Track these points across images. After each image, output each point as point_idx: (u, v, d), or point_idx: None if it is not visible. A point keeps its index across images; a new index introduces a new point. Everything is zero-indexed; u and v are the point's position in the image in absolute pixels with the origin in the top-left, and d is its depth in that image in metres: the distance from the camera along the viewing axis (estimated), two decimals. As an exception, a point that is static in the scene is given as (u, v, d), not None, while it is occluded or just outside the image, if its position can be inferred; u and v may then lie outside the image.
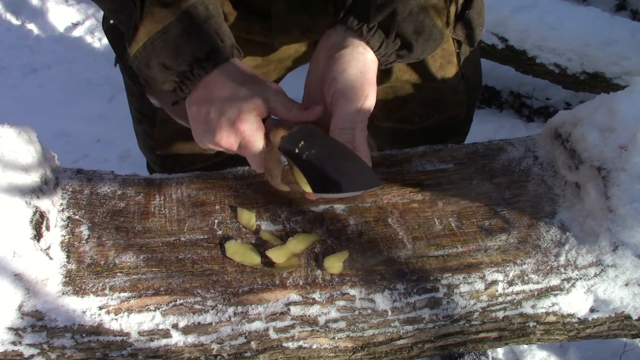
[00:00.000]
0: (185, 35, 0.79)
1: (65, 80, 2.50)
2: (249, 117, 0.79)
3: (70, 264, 0.86)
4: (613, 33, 1.89)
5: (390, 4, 0.82)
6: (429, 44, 0.87)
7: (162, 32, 0.79)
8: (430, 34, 0.86)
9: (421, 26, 0.84)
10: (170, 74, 0.81)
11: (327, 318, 0.85)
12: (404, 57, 0.87)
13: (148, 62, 0.81)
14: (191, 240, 0.90)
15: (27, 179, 0.85)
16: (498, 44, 2.01)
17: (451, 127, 1.28)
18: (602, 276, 0.87)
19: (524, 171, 0.98)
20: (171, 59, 0.80)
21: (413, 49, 0.86)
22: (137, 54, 0.81)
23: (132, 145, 1.49)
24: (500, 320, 0.89)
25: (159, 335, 0.83)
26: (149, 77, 0.83)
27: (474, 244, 0.90)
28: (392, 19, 0.83)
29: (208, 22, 0.80)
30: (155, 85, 0.83)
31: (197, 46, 0.80)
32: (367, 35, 0.83)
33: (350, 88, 0.82)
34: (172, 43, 0.80)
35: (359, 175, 0.81)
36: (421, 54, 0.88)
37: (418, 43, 0.86)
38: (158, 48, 0.80)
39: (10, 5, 2.75)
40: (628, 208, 0.84)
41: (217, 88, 0.81)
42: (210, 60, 0.80)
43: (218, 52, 0.80)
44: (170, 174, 1.00)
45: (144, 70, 0.82)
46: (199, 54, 0.80)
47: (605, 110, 0.91)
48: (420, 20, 0.84)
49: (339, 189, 0.79)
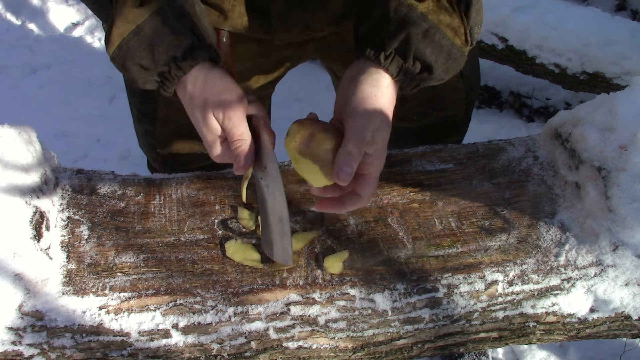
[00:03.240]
0: (160, 34, 0.78)
1: (65, 80, 2.50)
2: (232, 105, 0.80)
3: (70, 264, 0.86)
4: (613, 33, 1.89)
5: (403, 29, 0.81)
6: (451, 64, 0.85)
7: (136, 32, 0.78)
8: (449, 53, 0.84)
9: (439, 46, 0.83)
10: (149, 75, 0.81)
11: (327, 318, 0.85)
12: (426, 80, 0.86)
13: (124, 63, 0.80)
14: (191, 240, 0.90)
15: (27, 179, 0.85)
16: (498, 44, 2.01)
17: (450, 126, 1.28)
18: (602, 276, 0.87)
19: (524, 171, 0.98)
20: (147, 59, 0.79)
21: (434, 70, 0.84)
22: (114, 55, 0.80)
23: (132, 145, 1.49)
24: (500, 320, 0.89)
25: (159, 335, 0.83)
26: (129, 79, 0.83)
27: (474, 244, 0.90)
28: (407, 42, 0.81)
29: (184, 19, 0.79)
30: (138, 86, 0.83)
31: (173, 45, 0.79)
32: (385, 63, 0.82)
33: (357, 108, 0.80)
34: (146, 43, 0.78)
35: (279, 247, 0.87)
36: (444, 74, 0.86)
37: (438, 64, 0.84)
38: (133, 49, 0.79)
39: (10, 5, 2.75)
40: (628, 208, 0.84)
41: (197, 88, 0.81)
42: (187, 59, 0.79)
43: (195, 51, 0.79)
44: (170, 174, 1.00)
45: (122, 71, 0.82)
46: (175, 53, 0.79)
47: (605, 110, 0.91)
48: (436, 40, 0.82)
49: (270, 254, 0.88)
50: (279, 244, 0.86)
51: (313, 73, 2.37)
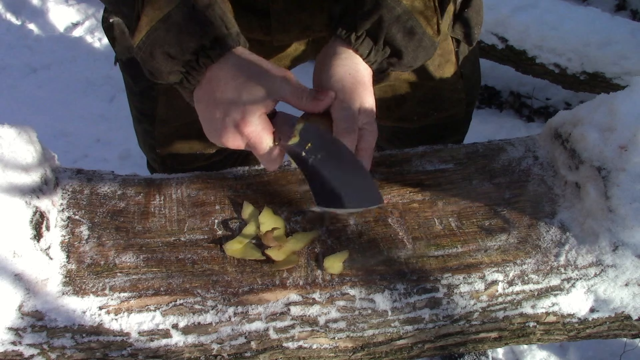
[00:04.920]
0: (189, 22, 0.77)
1: (65, 80, 2.50)
2: (253, 119, 0.77)
3: (70, 264, 0.86)
4: (613, 33, 1.89)
5: (376, 11, 0.82)
6: (420, 52, 0.87)
7: (165, 20, 0.77)
8: (420, 41, 0.85)
9: (410, 33, 0.84)
10: (175, 64, 0.79)
11: (327, 318, 0.85)
12: (395, 64, 0.87)
13: (152, 51, 0.79)
14: (191, 240, 0.90)
15: (27, 179, 0.85)
16: (498, 44, 2.01)
17: (450, 126, 1.28)
18: (602, 276, 0.87)
19: (524, 171, 0.98)
20: (175, 47, 0.78)
21: (403, 56, 0.86)
22: (140, 44, 0.79)
23: (132, 145, 1.49)
24: (500, 320, 0.89)
25: (159, 335, 0.83)
26: (154, 68, 0.81)
27: (474, 244, 0.90)
28: (379, 25, 0.83)
29: (212, 8, 0.78)
30: (161, 77, 0.81)
31: (201, 33, 0.77)
32: (356, 44, 0.84)
33: (341, 90, 0.82)
34: (175, 30, 0.77)
35: (363, 191, 0.83)
36: (412, 61, 0.88)
37: (408, 50, 0.85)
38: (161, 36, 0.78)
39: (10, 5, 2.75)
40: (628, 208, 0.84)
41: (221, 85, 0.79)
42: (216, 48, 0.78)
43: (223, 40, 0.78)
44: (170, 174, 1.00)
45: (148, 61, 0.80)
46: (204, 42, 0.77)
47: (605, 110, 0.91)
48: (408, 26, 0.84)
49: (341, 205, 0.81)
50: (363, 184, 0.83)
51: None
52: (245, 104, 0.77)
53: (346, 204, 0.81)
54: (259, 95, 0.78)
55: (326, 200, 0.82)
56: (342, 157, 0.81)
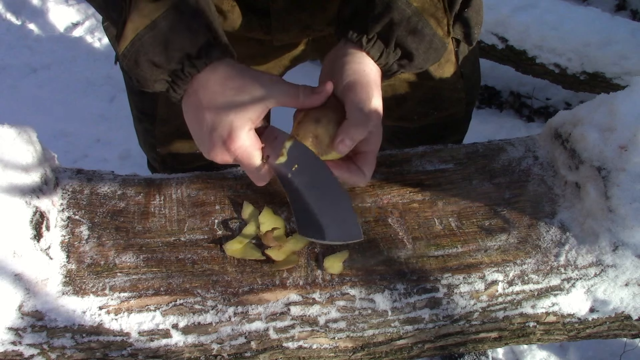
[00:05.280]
0: (175, 30, 0.75)
1: (65, 80, 2.50)
2: (241, 134, 0.76)
3: (70, 264, 0.86)
4: (613, 33, 1.89)
5: (387, 13, 0.82)
6: (431, 54, 0.87)
7: (151, 28, 0.75)
8: (430, 42, 0.85)
9: (421, 35, 0.84)
10: (160, 72, 0.77)
11: (327, 318, 0.85)
12: (405, 66, 0.87)
13: (137, 59, 0.77)
14: (191, 240, 0.90)
15: (27, 179, 0.85)
16: (498, 44, 2.01)
17: (450, 126, 1.28)
18: (602, 276, 0.87)
19: (524, 171, 0.98)
20: (160, 55, 0.76)
21: (414, 58, 0.86)
22: (125, 52, 0.77)
23: (132, 145, 1.49)
24: (500, 320, 0.89)
25: (159, 335, 0.83)
26: (139, 76, 0.79)
27: (474, 244, 0.90)
28: (390, 28, 0.83)
29: (199, 16, 0.76)
30: (147, 86, 0.80)
31: (187, 42, 0.76)
32: (367, 46, 0.83)
33: (357, 82, 0.81)
34: (161, 39, 0.75)
35: (345, 224, 0.85)
36: (423, 63, 0.88)
37: (419, 52, 0.85)
38: (147, 44, 0.76)
39: (10, 5, 2.75)
40: (628, 208, 0.84)
41: (208, 95, 0.77)
42: (202, 57, 0.76)
43: (210, 49, 0.77)
44: (170, 174, 1.00)
45: (133, 69, 0.78)
46: (189, 50, 0.76)
47: (605, 110, 0.91)
48: (419, 28, 0.83)
49: (322, 236, 0.85)
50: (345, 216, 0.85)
51: (313, 73, 2.37)
52: (232, 118, 0.76)
53: (327, 235, 0.84)
54: (248, 107, 0.76)
55: (308, 229, 0.85)
56: (328, 186, 0.82)
